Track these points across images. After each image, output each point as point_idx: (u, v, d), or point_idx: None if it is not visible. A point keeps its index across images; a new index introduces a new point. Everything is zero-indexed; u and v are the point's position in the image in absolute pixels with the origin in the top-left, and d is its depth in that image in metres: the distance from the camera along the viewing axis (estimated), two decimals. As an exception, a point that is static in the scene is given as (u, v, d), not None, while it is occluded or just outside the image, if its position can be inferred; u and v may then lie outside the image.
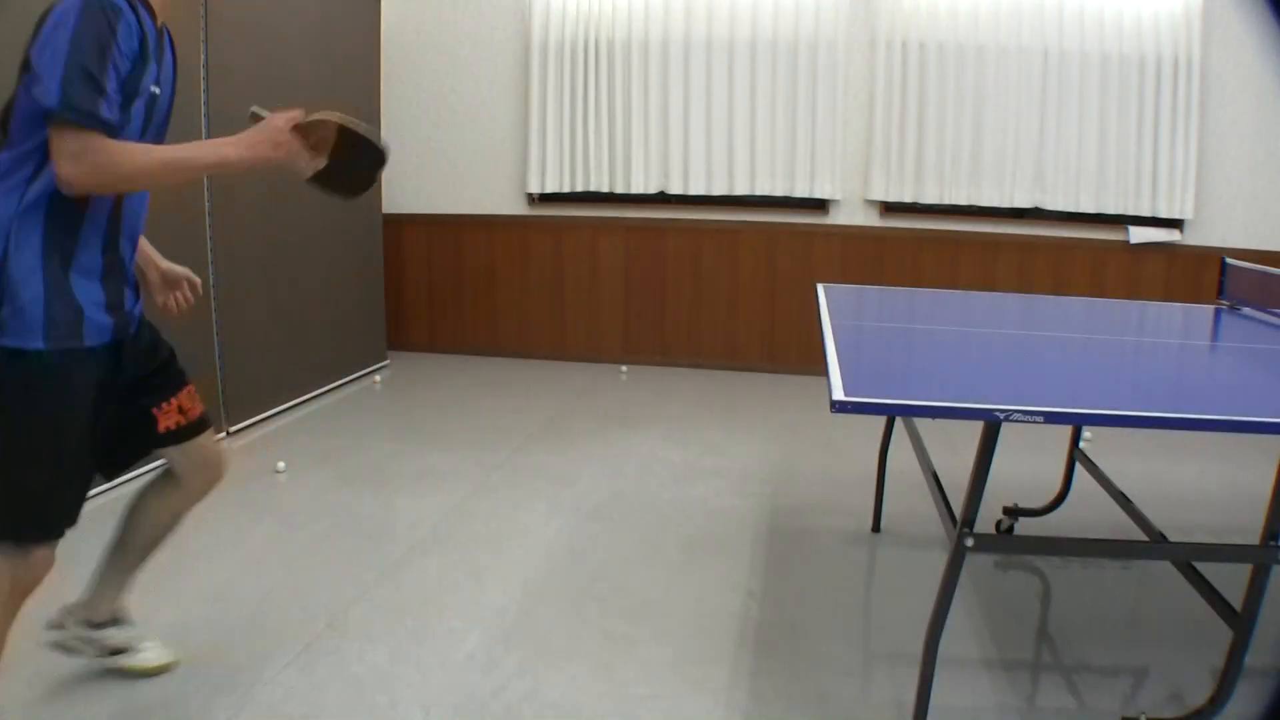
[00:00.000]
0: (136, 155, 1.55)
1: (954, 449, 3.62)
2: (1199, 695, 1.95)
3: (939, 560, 2.48)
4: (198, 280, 2.02)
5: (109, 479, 1.96)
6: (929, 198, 5.03)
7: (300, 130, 1.64)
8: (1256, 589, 1.78)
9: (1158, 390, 2.06)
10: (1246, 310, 2.96)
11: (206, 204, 3.60)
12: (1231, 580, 1.88)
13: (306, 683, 2.03)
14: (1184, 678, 2.14)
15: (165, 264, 1.99)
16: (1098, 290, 4.93)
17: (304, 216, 4.30)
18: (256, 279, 3.97)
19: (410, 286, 5.64)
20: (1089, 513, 3.00)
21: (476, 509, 3.11)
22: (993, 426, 1.69)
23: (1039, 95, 4.85)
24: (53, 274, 1.56)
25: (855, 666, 2.20)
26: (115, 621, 1.99)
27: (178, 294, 2.00)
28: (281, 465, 3.44)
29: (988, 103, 4.89)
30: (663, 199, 5.30)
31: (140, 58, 1.56)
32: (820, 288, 2.94)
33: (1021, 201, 4.96)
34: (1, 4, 2.57)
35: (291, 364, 4.29)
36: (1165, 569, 2.62)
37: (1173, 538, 2.17)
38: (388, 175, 5.38)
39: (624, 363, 5.41)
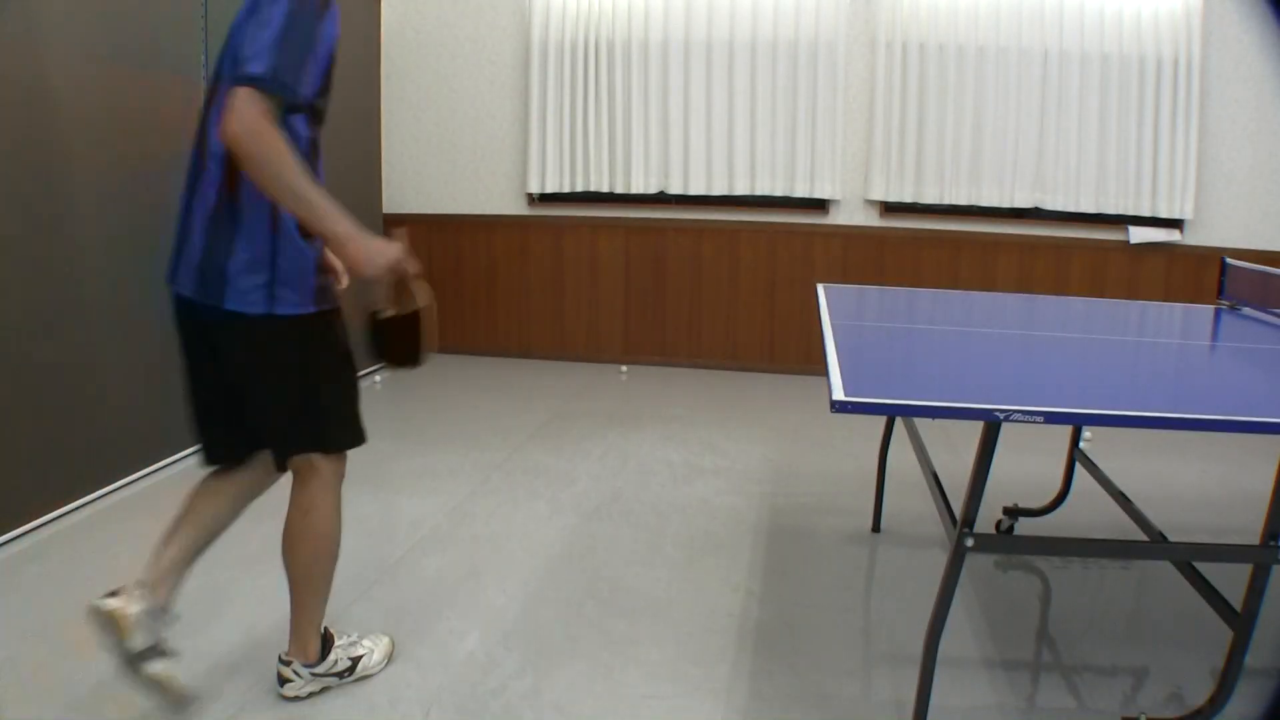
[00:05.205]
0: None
1: (954, 449, 3.62)
2: (1199, 695, 1.95)
3: (939, 560, 2.48)
4: None
5: None
6: (929, 198, 5.03)
7: (397, 277, 1.77)
8: (1256, 589, 1.78)
9: (1158, 390, 2.05)
10: (1246, 310, 2.96)
11: (206, 204, 3.59)
12: (1231, 580, 1.88)
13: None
14: (1184, 678, 2.14)
15: None
16: (1098, 290, 4.93)
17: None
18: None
19: (410, 286, 5.64)
20: (1089, 513, 3.00)
21: (476, 509, 3.11)
22: (993, 426, 1.69)
23: (1039, 95, 4.85)
24: None
25: (855, 666, 2.20)
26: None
27: None
28: (281, 465, 3.44)
29: (988, 103, 4.89)
30: (663, 199, 5.29)
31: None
32: (820, 288, 2.94)
33: (1021, 201, 4.96)
34: (2, 4, 2.57)
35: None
36: (1165, 569, 2.62)
37: (1173, 538, 2.17)
38: (388, 174, 5.39)
39: (624, 363, 5.41)
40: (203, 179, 1.72)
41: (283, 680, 1.96)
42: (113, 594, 1.78)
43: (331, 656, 2.00)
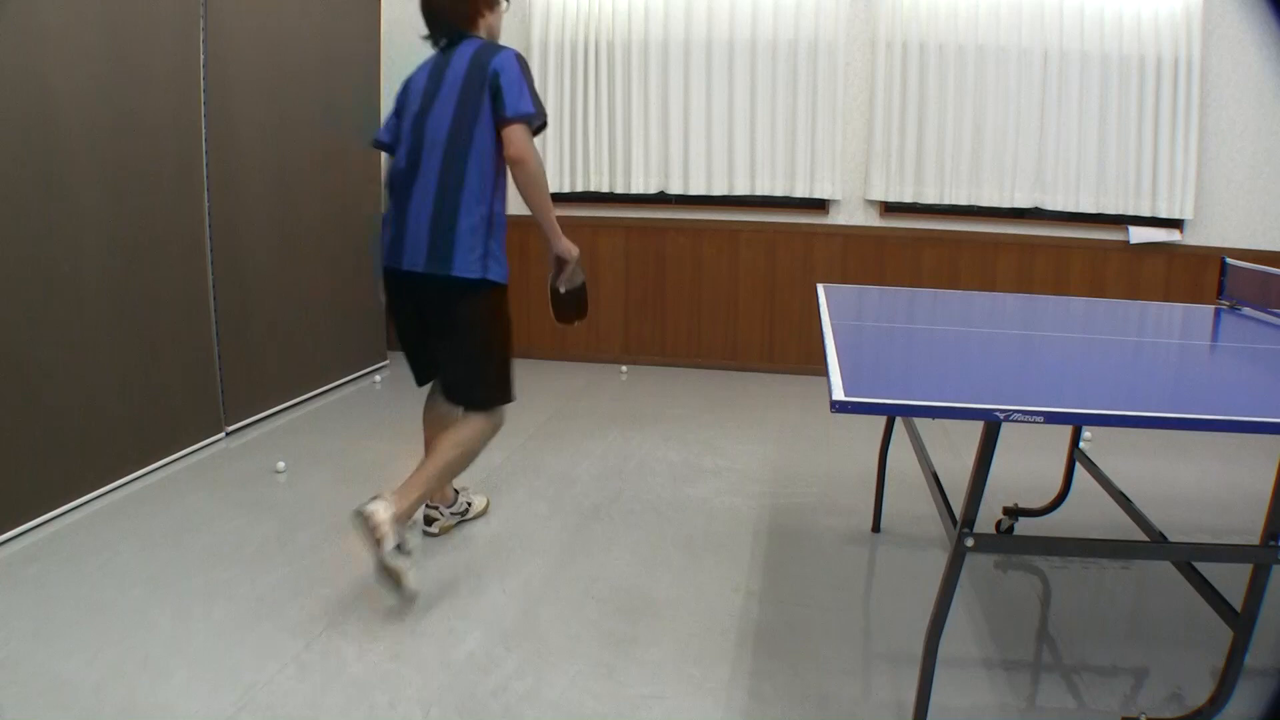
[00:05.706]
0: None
1: (954, 449, 3.62)
2: (1199, 695, 1.95)
3: (939, 560, 2.49)
4: None
5: None
6: (929, 198, 5.03)
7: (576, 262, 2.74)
8: (1256, 589, 1.78)
9: (1158, 390, 2.05)
10: (1246, 310, 2.96)
11: (207, 204, 3.60)
12: (1231, 580, 1.88)
13: (306, 683, 2.03)
14: (1184, 678, 2.14)
15: None
16: (1098, 290, 4.93)
17: (304, 216, 4.30)
18: (256, 279, 3.97)
19: (410, 286, 5.63)
20: (1089, 513, 3.00)
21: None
22: (993, 426, 1.69)
23: (1039, 95, 4.85)
24: None
25: (855, 666, 2.20)
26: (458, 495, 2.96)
27: None
28: (281, 465, 3.44)
29: (988, 103, 4.89)
30: (663, 199, 5.30)
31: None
32: (820, 288, 2.94)
33: (1021, 201, 4.96)
34: (2, 4, 2.57)
35: (291, 364, 4.29)
36: (1165, 569, 2.63)
37: (1173, 538, 2.17)
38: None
39: (624, 363, 5.41)
40: (418, 183, 2.41)
41: (429, 520, 2.82)
42: (374, 498, 2.29)
43: (462, 499, 2.89)
